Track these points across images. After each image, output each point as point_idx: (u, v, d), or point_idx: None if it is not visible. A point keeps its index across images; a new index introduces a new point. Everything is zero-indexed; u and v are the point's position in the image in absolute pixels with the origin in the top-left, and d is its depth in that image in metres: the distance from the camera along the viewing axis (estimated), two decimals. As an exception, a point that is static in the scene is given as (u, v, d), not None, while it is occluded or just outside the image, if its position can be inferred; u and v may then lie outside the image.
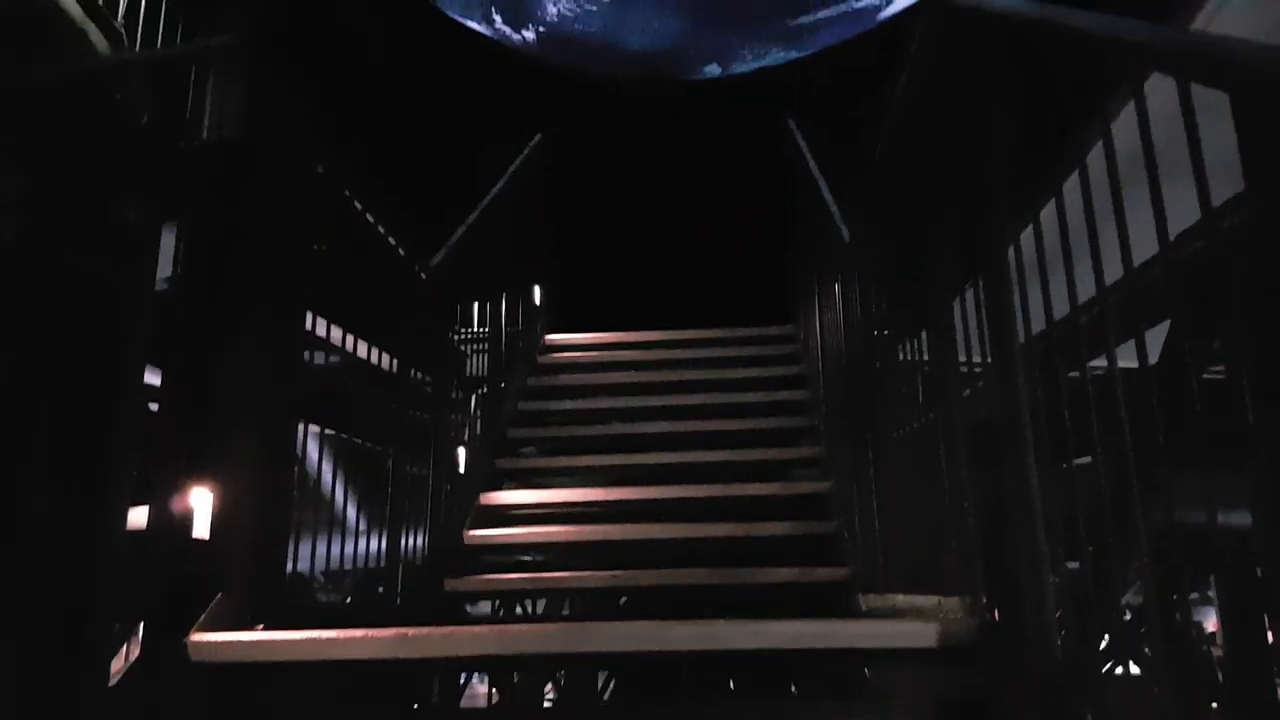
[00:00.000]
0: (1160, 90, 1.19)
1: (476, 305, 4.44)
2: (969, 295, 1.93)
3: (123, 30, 2.63)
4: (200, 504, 1.93)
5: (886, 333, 2.57)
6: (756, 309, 4.99)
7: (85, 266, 1.91)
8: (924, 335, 2.16)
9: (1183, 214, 1.18)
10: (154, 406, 2.12)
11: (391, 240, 2.70)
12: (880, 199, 2.50)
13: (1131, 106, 1.23)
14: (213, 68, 2.62)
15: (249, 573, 1.91)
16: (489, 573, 3.04)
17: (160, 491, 1.88)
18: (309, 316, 2.49)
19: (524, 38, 8.73)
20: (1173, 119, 1.11)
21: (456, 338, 3.96)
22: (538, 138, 4.90)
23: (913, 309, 2.34)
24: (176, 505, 1.91)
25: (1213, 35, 0.99)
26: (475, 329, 4.36)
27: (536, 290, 4.99)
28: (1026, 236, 1.67)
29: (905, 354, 2.33)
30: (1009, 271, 1.71)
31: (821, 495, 3.14)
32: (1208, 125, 1.09)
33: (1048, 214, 1.59)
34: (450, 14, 8.60)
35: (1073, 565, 1.47)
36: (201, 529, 1.89)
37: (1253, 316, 1.01)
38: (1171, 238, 1.23)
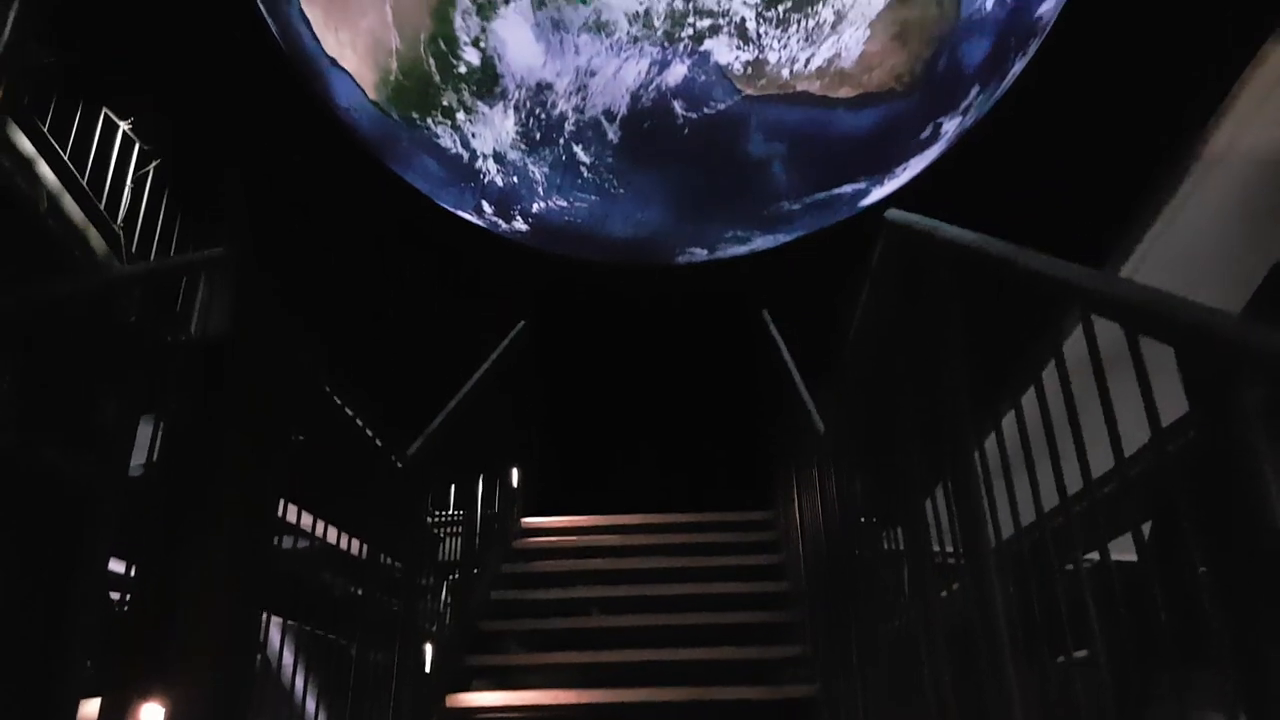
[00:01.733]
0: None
1: (453, 487, 4.40)
2: (940, 493, 1.94)
3: (120, 232, 2.76)
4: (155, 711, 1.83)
5: (865, 523, 2.56)
6: (735, 493, 4.97)
7: (54, 460, 1.91)
8: (899, 530, 2.15)
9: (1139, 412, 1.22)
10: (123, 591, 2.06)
11: (369, 431, 2.72)
12: (850, 401, 2.57)
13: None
14: (202, 273, 2.73)
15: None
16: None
17: (116, 687, 1.79)
18: (281, 504, 2.47)
19: (513, 228, 9.16)
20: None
21: (430, 519, 3.89)
22: (520, 325, 5.05)
23: (886, 508, 2.35)
24: (132, 704, 1.81)
25: (1161, 293, 1.06)
26: (450, 511, 4.30)
27: (514, 472, 4.97)
28: (1013, 428, 1.71)
29: (886, 544, 2.32)
30: (977, 478, 1.74)
31: (810, 700, 3.01)
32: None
33: (1029, 409, 1.63)
34: (443, 205, 9.06)
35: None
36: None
37: (1200, 528, 1.06)
38: (1127, 452, 1.27)
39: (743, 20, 6.32)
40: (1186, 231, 2.31)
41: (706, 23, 6.28)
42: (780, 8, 6.24)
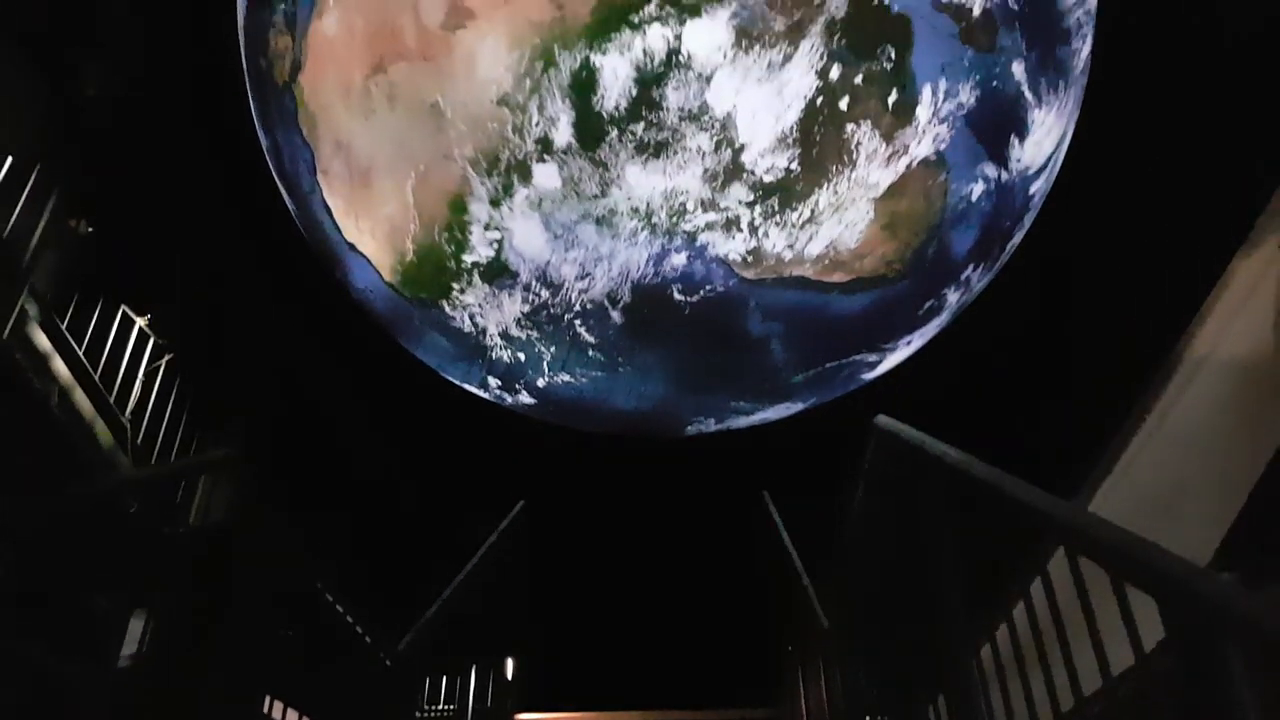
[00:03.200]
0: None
1: (445, 679, 4.23)
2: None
3: (128, 424, 2.83)
4: None
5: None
6: (739, 687, 4.76)
7: (39, 656, 1.87)
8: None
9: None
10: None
11: (359, 629, 2.66)
12: (851, 601, 2.53)
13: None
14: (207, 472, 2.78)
15: None
16: None
17: None
18: (267, 701, 2.41)
19: (518, 401, 9.30)
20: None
21: (420, 715, 3.73)
22: (518, 506, 5.03)
23: (894, 710, 2.28)
24: None
25: (1146, 544, 1.08)
26: (441, 706, 4.12)
27: (509, 663, 4.80)
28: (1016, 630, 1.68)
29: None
30: (976, 691, 1.69)
31: None
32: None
33: (1020, 618, 1.61)
34: (449, 378, 9.25)
35: None
36: None
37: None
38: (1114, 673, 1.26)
39: (738, 217, 6.69)
40: (1176, 430, 2.36)
41: (704, 219, 6.66)
42: (772, 203, 6.62)
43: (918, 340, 8.81)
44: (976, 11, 6.41)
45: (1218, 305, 2.38)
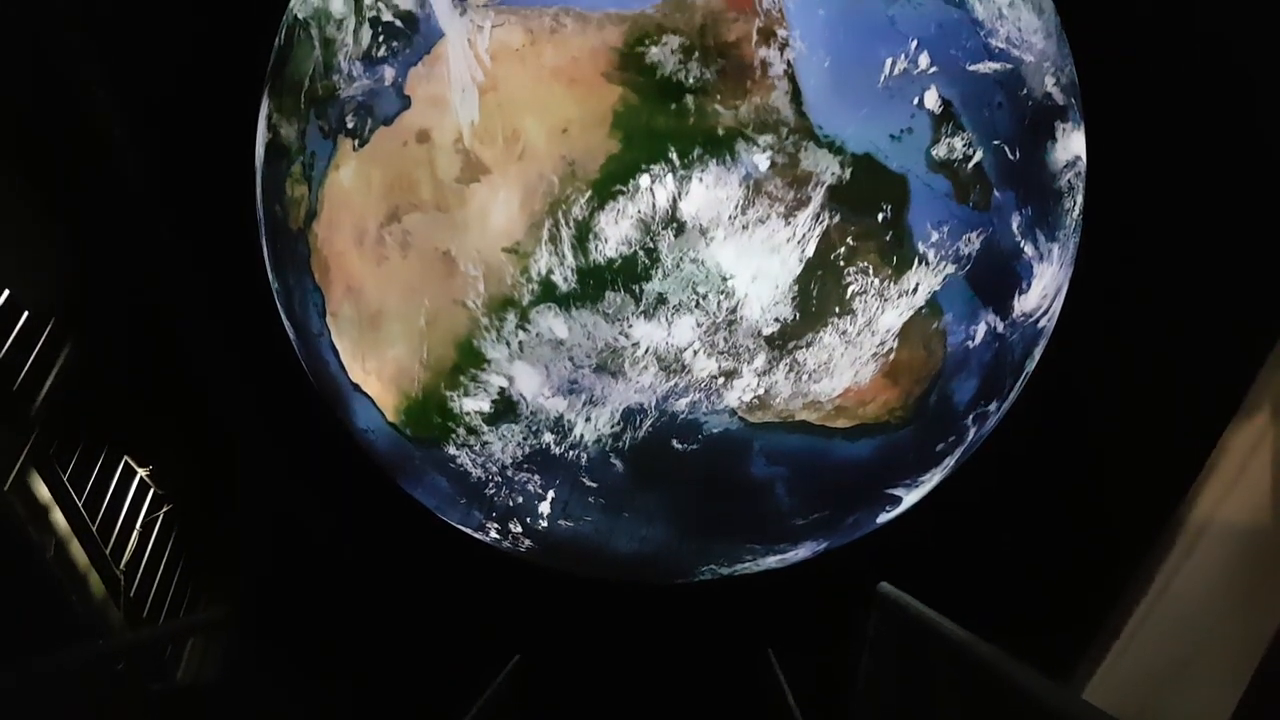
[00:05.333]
0: None
1: None
2: None
3: (122, 576, 2.77)
4: None
5: None
6: None
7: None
8: None
9: None
10: None
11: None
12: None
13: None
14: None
15: None
16: None
17: None
18: None
19: (516, 544, 9.13)
20: None
21: None
22: (514, 660, 4.85)
23: None
24: None
25: None
26: None
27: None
28: None
29: None
30: None
31: None
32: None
33: None
34: (447, 520, 9.12)
35: None
36: None
37: None
38: None
39: (739, 366, 6.79)
40: (1177, 604, 2.28)
41: (706, 367, 6.75)
42: (775, 352, 6.72)
43: (922, 489, 8.74)
44: (970, 171, 6.71)
45: (1213, 475, 2.36)
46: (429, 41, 6.56)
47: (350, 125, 7.01)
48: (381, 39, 6.85)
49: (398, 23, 6.77)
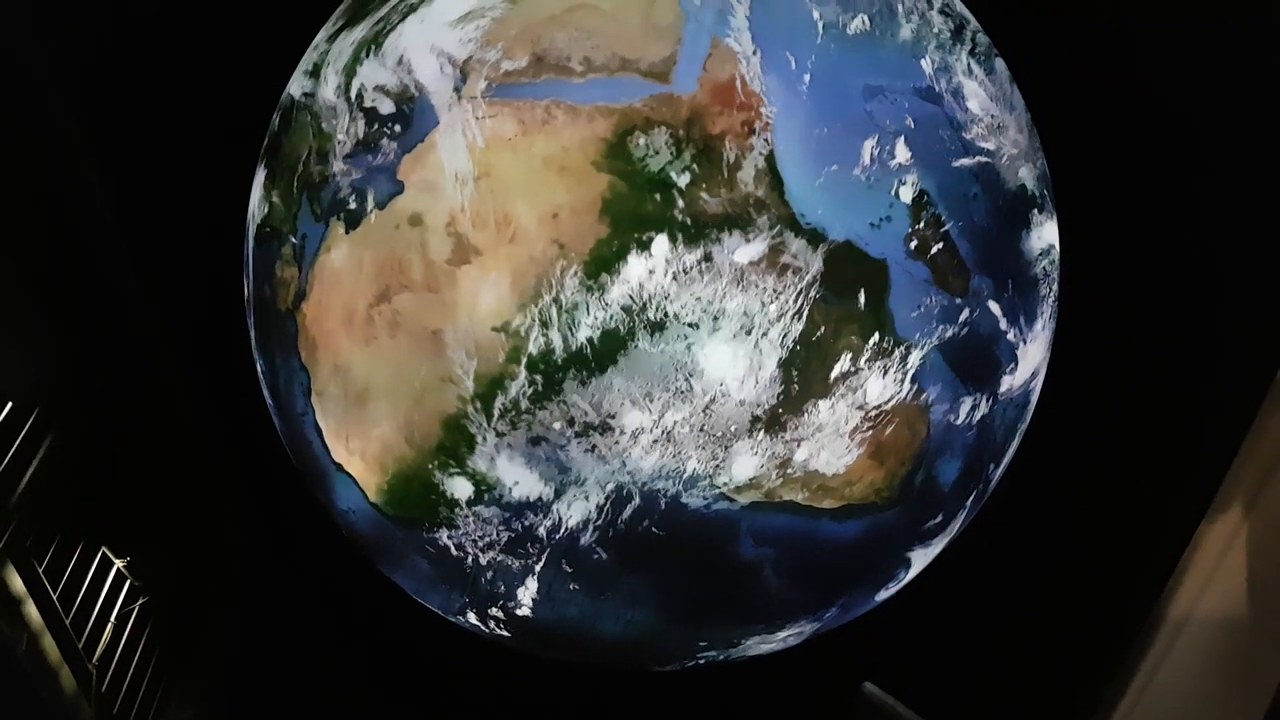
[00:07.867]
0: None
1: None
2: None
3: (94, 670, 2.70)
4: None
5: None
6: None
7: None
8: None
9: None
10: None
11: None
12: None
13: None
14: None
15: None
16: None
17: None
18: None
19: (494, 632, 8.94)
20: None
21: None
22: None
23: None
24: None
25: None
26: None
27: None
28: None
29: None
30: None
31: None
32: None
33: None
34: (429, 605, 8.94)
35: None
36: None
37: None
38: None
39: (726, 449, 6.83)
40: (1163, 694, 2.26)
41: (692, 449, 6.79)
42: (759, 435, 6.77)
43: (910, 571, 8.69)
44: (948, 258, 6.90)
45: (1190, 570, 2.38)
46: (424, 129, 6.75)
47: (343, 209, 7.14)
48: (376, 126, 7.03)
49: (393, 111, 6.97)
